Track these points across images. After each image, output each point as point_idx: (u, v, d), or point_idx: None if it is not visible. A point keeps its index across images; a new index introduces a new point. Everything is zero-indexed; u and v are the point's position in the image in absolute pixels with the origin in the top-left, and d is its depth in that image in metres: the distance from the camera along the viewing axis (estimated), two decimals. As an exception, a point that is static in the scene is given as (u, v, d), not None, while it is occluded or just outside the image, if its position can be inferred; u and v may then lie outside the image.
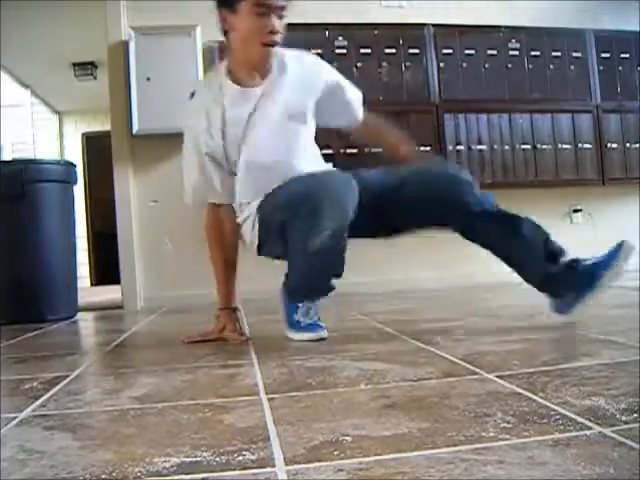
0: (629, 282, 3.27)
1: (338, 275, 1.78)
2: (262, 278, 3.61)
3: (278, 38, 1.71)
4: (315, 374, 1.28)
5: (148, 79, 3.58)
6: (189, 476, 0.73)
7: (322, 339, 1.76)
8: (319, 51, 3.69)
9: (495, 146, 3.85)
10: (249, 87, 1.79)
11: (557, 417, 0.86)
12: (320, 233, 1.62)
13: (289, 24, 3.67)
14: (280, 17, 1.69)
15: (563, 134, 3.96)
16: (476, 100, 3.85)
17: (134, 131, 3.60)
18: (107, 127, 3.93)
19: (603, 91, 4.06)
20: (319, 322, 1.81)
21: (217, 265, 1.94)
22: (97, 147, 6.80)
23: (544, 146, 3.92)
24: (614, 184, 4.08)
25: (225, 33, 1.77)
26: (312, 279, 1.78)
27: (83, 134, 7.35)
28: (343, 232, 1.66)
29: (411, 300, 2.17)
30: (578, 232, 4.14)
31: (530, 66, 3.94)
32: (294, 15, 3.69)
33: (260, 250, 1.86)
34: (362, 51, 3.65)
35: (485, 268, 4.14)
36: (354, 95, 1.96)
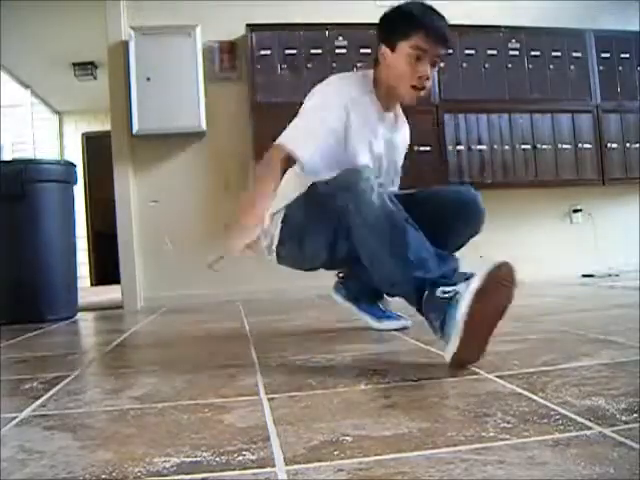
0: (629, 282, 3.27)
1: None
2: (262, 279, 3.61)
3: (427, 84, 1.70)
4: (315, 374, 1.28)
5: (148, 79, 3.58)
6: (189, 476, 0.73)
7: (405, 328, 1.86)
8: (319, 51, 3.70)
9: (495, 146, 3.85)
10: (383, 112, 1.83)
11: (557, 417, 0.86)
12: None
13: (289, 24, 3.66)
14: (434, 65, 1.69)
15: (563, 134, 3.96)
16: (476, 100, 3.85)
17: (134, 131, 3.60)
18: (107, 127, 3.93)
19: (603, 91, 4.06)
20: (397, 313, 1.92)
21: (264, 188, 1.63)
22: (97, 147, 6.80)
23: (544, 146, 3.92)
24: (614, 184, 4.08)
25: (376, 62, 1.81)
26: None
27: (83, 134, 7.35)
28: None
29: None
30: (578, 232, 4.15)
31: (530, 66, 3.94)
32: (294, 15, 3.69)
33: (279, 249, 1.78)
34: (362, 51, 3.65)
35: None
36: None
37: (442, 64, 3.83)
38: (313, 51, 3.69)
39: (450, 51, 1.76)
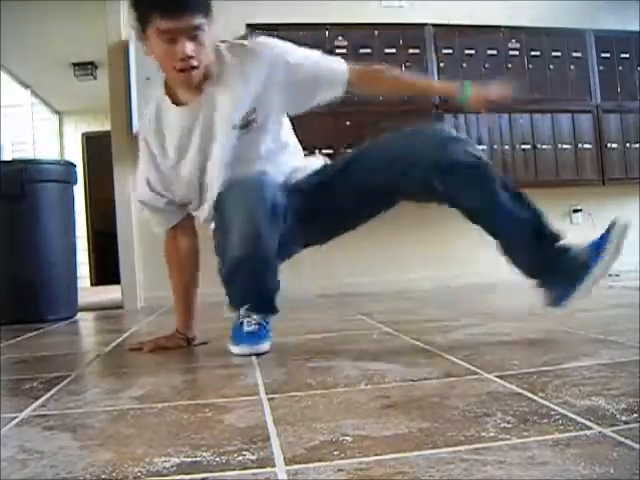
0: (629, 282, 3.27)
1: (270, 290, 1.63)
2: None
3: (194, 62, 1.52)
4: (315, 374, 1.28)
5: (148, 79, 3.58)
6: (189, 476, 0.73)
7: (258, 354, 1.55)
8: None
9: (495, 146, 3.85)
10: (187, 104, 1.64)
11: (557, 417, 0.86)
12: (231, 258, 1.54)
13: (289, 24, 3.66)
14: (193, 38, 1.49)
15: (563, 134, 3.96)
16: (476, 100, 3.84)
17: (134, 131, 3.60)
18: (107, 127, 3.92)
19: (603, 91, 4.06)
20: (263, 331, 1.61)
21: (177, 291, 1.89)
22: (97, 147, 6.80)
23: (544, 146, 3.92)
24: (614, 184, 4.08)
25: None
26: (240, 292, 1.64)
27: (83, 134, 7.35)
28: (256, 251, 1.52)
29: (411, 300, 2.17)
30: (578, 232, 4.12)
31: (530, 66, 3.94)
32: (294, 15, 3.70)
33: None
34: (362, 51, 3.65)
35: (486, 268, 4.15)
36: (326, 63, 1.73)
37: (442, 63, 3.86)
38: (313, 51, 3.69)
39: (195, 23, 1.48)
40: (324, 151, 1.98)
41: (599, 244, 1.54)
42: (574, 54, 4.02)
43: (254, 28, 3.68)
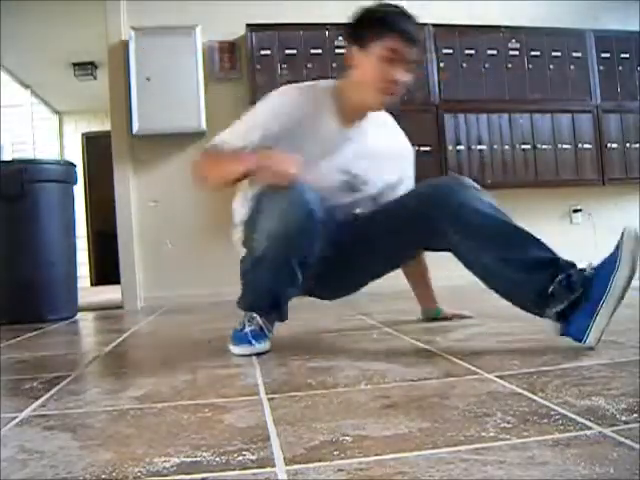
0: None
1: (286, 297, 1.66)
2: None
3: (398, 91, 1.62)
4: (315, 374, 1.28)
5: (148, 79, 3.58)
6: (189, 476, 0.73)
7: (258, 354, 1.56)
8: (319, 51, 3.70)
9: (495, 146, 3.85)
10: (344, 128, 1.70)
11: (557, 417, 0.86)
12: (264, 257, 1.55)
13: (289, 24, 3.66)
14: (408, 70, 1.61)
15: (563, 134, 3.96)
16: (476, 100, 3.85)
17: (134, 131, 3.60)
18: (107, 127, 3.92)
19: (603, 91, 4.06)
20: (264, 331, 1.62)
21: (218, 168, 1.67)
22: (97, 147, 6.80)
23: (544, 146, 3.92)
24: (614, 184, 4.08)
25: (343, 71, 1.70)
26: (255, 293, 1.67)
27: (83, 134, 7.35)
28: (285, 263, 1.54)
29: (411, 300, 2.16)
30: (578, 232, 4.14)
31: (530, 66, 3.94)
32: (294, 15, 3.69)
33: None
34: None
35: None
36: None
37: (442, 63, 3.85)
38: (313, 51, 3.69)
39: (418, 59, 1.66)
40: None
41: (612, 259, 1.38)
42: (574, 54, 4.02)
43: (254, 28, 3.68)
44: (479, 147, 3.83)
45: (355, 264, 1.78)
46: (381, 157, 1.78)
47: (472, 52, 3.86)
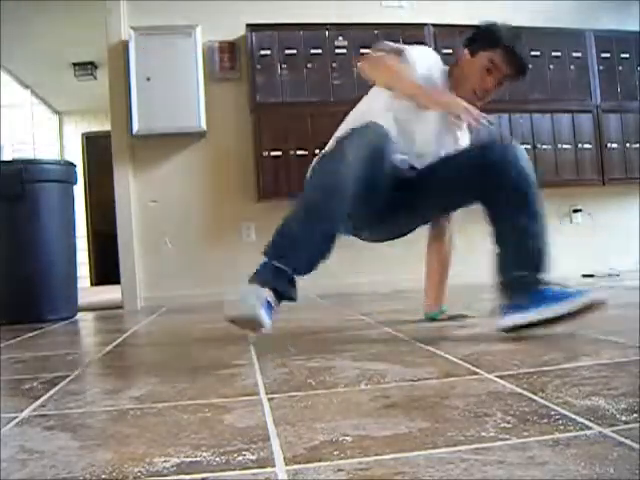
0: (629, 282, 3.27)
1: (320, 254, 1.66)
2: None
3: (486, 97, 1.85)
4: (315, 374, 1.28)
5: (148, 79, 3.58)
6: (189, 476, 0.73)
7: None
8: (319, 51, 3.70)
9: (495, 146, 3.85)
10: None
11: (557, 417, 0.86)
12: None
13: (289, 24, 3.65)
14: (500, 84, 1.84)
15: (563, 134, 3.96)
16: (476, 100, 3.84)
17: (134, 131, 3.60)
18: (107, 127, 3.93)
19: (603, 91, 4.06)
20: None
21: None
22: (97, 147, 6.80)
23: (544, 146, 3.92)
24: (614, 184, 4.08)
25: (454, 64, 1.95)
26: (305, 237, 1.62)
27: (83, 134, 7.35)
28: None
29: (411, 300, 2.17)
30: (578, 232, 4.14)
31: (530, 66, 3.93)
32: (294, 15, 3.68)
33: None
34: (362, 51, 3.65)
35: (486, 268, 4.14)
36: None
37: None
38: (313, 51, 3.69)
39: (517, 78, 1.90)
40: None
41: (570, 294, 1.57)
42: (574, 54, 4.02)
43: (254, 28, 3.68)
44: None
45: (407, 208, 1.89)
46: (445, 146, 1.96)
47: (472, 52, 3.85)
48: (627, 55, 4.11)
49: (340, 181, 1.57)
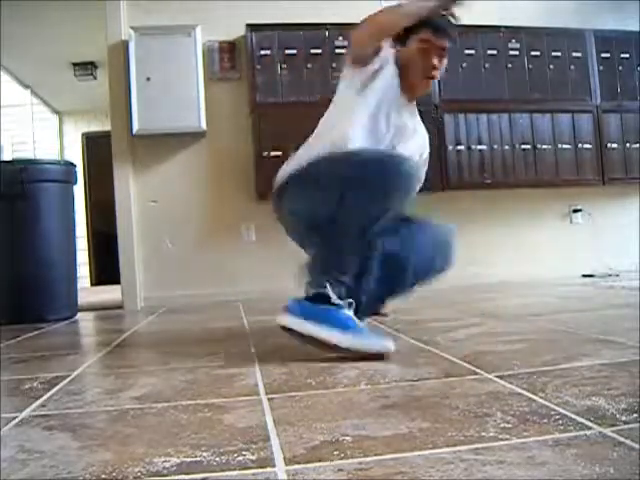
0: (629, 282, 3.27)
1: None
2: (262, 278, 3.61)
3: (436, 74, 1.85)
4: (315, 374, 1.28)
5: (148, 79, 3.58)
6: (189, 476, 0.73)
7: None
8: (319, 51, 3.70)
9: (495, 146, 3.85)
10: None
11: (557, 417, 0.86)
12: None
13: (289, 24, 3.66)
14: (440, 57, 1.84)
15: (563, 134, 3.96)
16: (476, 100, 3.85)
17: (134, 131, 3.60)
18: (107, 127, 3.93)
19: (603, 91, 4.06)
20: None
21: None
22: (97, 147, 6.80)
23: (544, 146, 3.92)
24: (614, 184, 4.08)
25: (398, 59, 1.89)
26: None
27: (83, 134, 7.35)
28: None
29: (411, 300, 2.16)
30: (578, 232, 4.15)
31: (530, 66, 3.94)
32: (294, 15, 3.69)
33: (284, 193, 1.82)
34: (362, 51, 3.65)
35: (486, 269, 4.15)
36: None
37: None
38: (313, 51, 3.69)
39: (450, 44, 1.85)
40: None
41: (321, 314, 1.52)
42: (574, 54, 4.02)
43: (254, 28, 3.68)
44: (479, 147, 3.83)
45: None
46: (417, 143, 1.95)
47: (472, 52, 3.86)
48: (627, 55, 4.11)
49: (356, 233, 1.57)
